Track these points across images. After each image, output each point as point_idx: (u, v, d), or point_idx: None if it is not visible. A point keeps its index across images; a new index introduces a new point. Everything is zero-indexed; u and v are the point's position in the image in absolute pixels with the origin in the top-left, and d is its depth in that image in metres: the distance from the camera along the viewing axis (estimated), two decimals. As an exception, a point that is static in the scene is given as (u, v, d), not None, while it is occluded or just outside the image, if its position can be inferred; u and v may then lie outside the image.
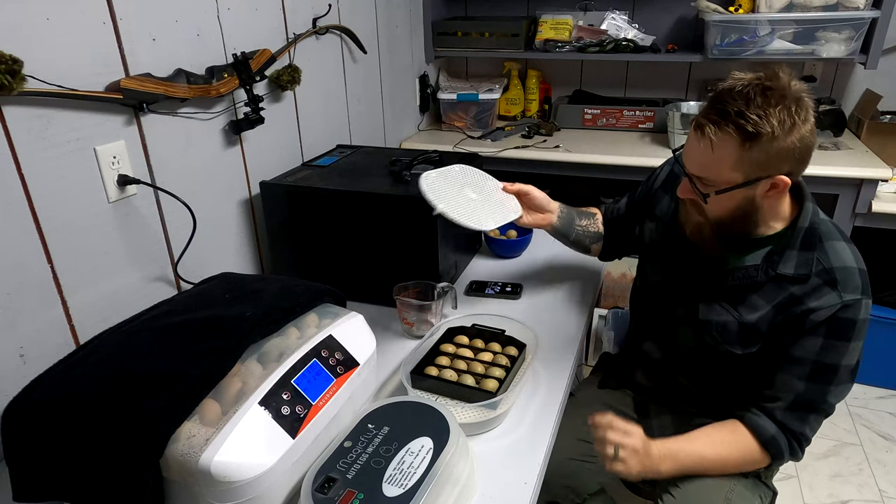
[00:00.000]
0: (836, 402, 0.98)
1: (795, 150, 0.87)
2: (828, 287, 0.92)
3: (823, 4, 1.94)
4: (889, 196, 1.88)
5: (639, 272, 1.24)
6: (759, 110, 0.84)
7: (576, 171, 2.12)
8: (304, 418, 0.79)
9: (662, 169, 1.20)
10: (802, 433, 0.99)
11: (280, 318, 0.88)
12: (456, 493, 0.79)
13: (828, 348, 0.94)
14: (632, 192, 1.27)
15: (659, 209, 1.16)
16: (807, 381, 0.96)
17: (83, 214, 1.02)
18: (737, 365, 1.04)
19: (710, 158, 0.90)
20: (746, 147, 0.86)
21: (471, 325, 1.15)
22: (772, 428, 0.99)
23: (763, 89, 0.85)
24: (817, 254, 0.94)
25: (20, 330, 0.95)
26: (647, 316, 1.21)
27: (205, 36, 1.22)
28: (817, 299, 0.93)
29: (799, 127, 0.85)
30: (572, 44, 2.25)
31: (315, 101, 1.62)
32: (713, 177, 0.91)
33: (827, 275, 0.93)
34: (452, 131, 2.41)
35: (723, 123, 0.86)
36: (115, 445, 0.71)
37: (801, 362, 0.96)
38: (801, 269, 0.95)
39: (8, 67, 0.84)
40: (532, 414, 1.00)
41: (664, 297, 1.13)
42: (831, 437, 1.98)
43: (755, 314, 0.98)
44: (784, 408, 0.98)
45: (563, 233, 1.25)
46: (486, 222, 1.08)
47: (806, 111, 0.86)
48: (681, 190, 0.99)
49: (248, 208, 1.42)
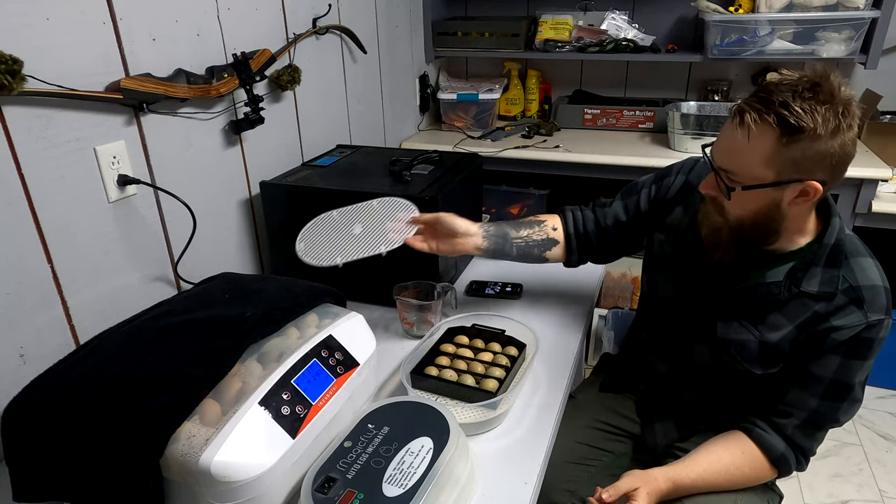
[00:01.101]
0: (846, 419, 0.97)
1: (834, 157, 0.82)
2: (854, 306, 0.89)
3: (823, 4, 1.94)
4: (889, 196, 1.88)
5: (647, 283, 1.18)
6: (805, 104, 0.79)
7: (576, 171, 2.12)
8: (304, 418, 0.79)
9: (675, 178, 1.11)
10: (810, 448, 0.98)
11: (280, 318, 0.88)
12: (456, 493, 0.79)
13: (845, 367, 0.92)
14: (631, 197, 1.17)
15: (670, 220, 1.09)
16: (820, 399, 0.95)
17: (83, 214, 1.02)
18: (753, 383, 1.01)
19: (743, 148, 0.84)
20: (784, 142, 0.81)
21: (471, 325, 1.15)
22: (781, 445, 0.97)
23: (812, 85, 0.81)
24: (843, 271, 0.90)
25: (20, 330, 0.95)
26: (656, 330, 1.17)
27: (205, 36, 1.22)
28: (842, 318, 0.89)
29: (843, 132, 0.81)
30: (572, 44, 2.25)
31: (315, 101, 1.62)
32: (742, 170, 0.86)
33: (853, 293, 0.89)
34: (452, 131, 2.41)
35: (764, 112, 0.81)
36: (115, 445, 0.71)
37: (818, 380, 0.94)
38: (825, 286, 0.90)
39: (8, 67, 0.84)
40: (532, 414, 1.00)
41: (677, 312, 1.09)
42: (831, 437, 1.98)
43: (777, 334, 0.95)
44: (796, 425, 0.97)
45: (499, 252, 1.16)
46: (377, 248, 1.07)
47: (852, 118, 0.81)
48: (704, 185, 0.94)
49: (248, 208, 1.42)
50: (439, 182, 1.30)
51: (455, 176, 1.35)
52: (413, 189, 1.26)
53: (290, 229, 1.35)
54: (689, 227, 1.05)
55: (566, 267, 1.24)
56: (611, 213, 1.18)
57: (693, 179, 1.09)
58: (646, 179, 1.17)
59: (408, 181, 1.30)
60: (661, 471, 0.98)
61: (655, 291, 1.14)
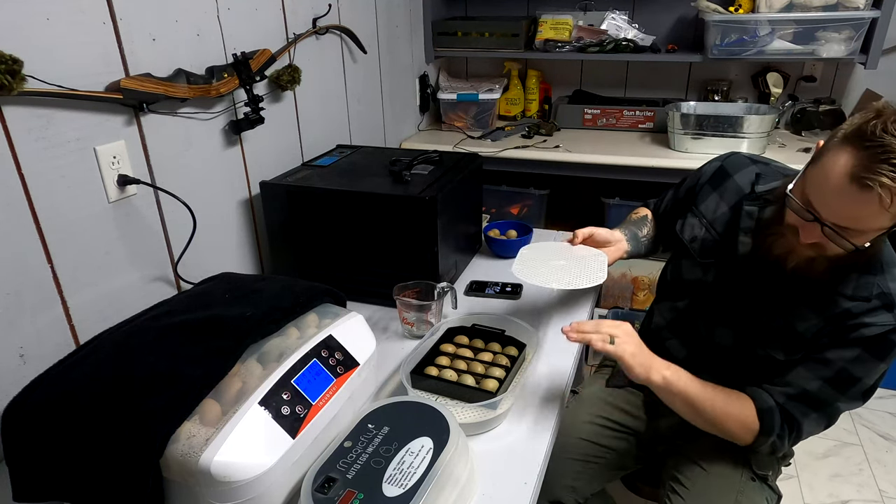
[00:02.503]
0: (843, 411, 0.97)
1: None
2: (884, 310, 0.91)
3: (823, 4, 1.94)
4: (889, 196, 1.88)
5: (671, 267, 1.20)
6: None
7: (576, 171, 2.12)
8: (304, 418, 0.79)
9: (710, 165, 1.16)
10: (799, 423, 0.98)
11: (280, 318, 0.88)
12: (456, 493, 0.79)
13: (860, 361, 0.93)
14: (676, 188, 1.26)
15: (705, 207, 1.12)
16: (823, 382, 0.95)
17: (83, 214, 1.02)
18: (772, 366, 1.02)
19: (869, 214, 0.80)
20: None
21: (471, 325, 1.15)
22: (771, 402, 0.98)
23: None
24: (879, 279, 0.92)
25: (20, 330, 0.95)
26: (677, 313, 1.17)
27: (205, 36, 1.22)
28: (872, 317, 0.91)
29: None
30: (572, 44, 2.25)
31: (315, 101, 1.62)
32: (863, 227, 0.83)
33: (886, 298, 0.91)
34: (452, 131, 2.41)
35: None
36: (115, 445, 0.71)
37: (829, 364, 0.95)
38: (861, 290, 0.92)
39: (8, 67, 0.84)
40: (532, 414, 1.00)
41: (701, 295, 1.10)
42: (831, 437, 1.98)
43: (805, 323, 0.96)
44: (790, 394, 0.97)
45: (637, 252, 1.26)
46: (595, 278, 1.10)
47: None
48: (805, 234, 0.88)
49: (248, 208, 1.42)
50: (439, 182, 1.30)
51: (455, 176, 1.35)
52: (413, 189, 1.26)
53: (290, 229, 1.35)
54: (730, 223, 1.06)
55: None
56: (665, 202, 1.28)
57: (729, 168, 1.11)
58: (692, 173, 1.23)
59: (408, 181, 1.30)
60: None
61: (679, 275, 1.16)
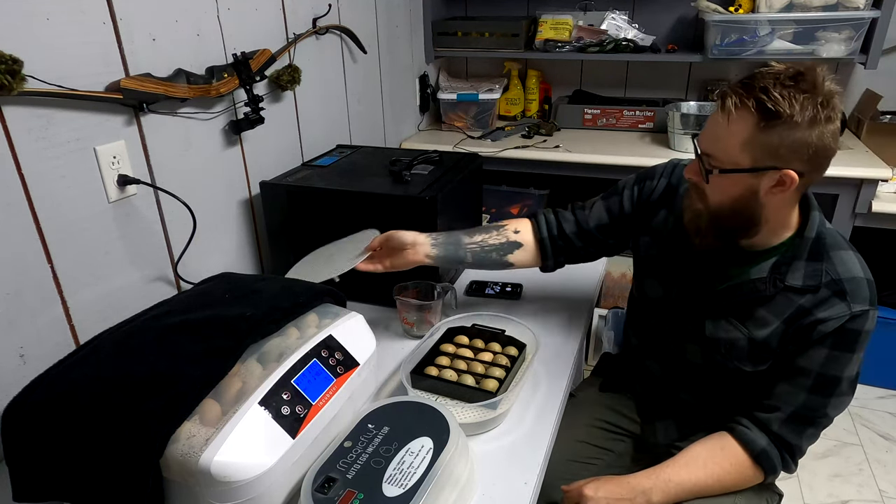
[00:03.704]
0: (835, 414, 0.97)
1: (810, 147, 0.83)
2: (837, 298, 0.90)
3: (823, 4, 1.94)
4: (889, 196, 1.88)
5: (636, 286, 1.18)
6: (785, 91, 0.81)
7: (576, 171, 2.12)
8: (304, 418, 0.79)
9: (658, 181, 1.11)
10: (798, 446, 0.97)
11: (280, 318, 0.88)
12: (456, 494, 0.79)
13: (832, 360, 0.92)
14: (612, 198, 1.15)
15: (655, 222, 1.10)
16: (808, 393, 0.95)
17: (83, 214, 1.02)
18: (745, 381, 1.01)
19: (723, 132, 0.87)
20: (761, 127, 0.83)
21: (471, 325, 1.15)
22: (763, 440, 0.97)
23: (796, 74, 0.83)
24: (825, 265, 0.92)
25: (20, 330, 0.95)
26: (648, 332, 1.17)
27: (205, 36, 1.22)
28: (826, 310, 0.91)
29: (821, 123, 0.82)
30: (572, 44, 2.25)
31: (315, 101, 1.62)
32: (722, 154, 0.88)
33: (836, 286, 0.91)
34: (452, 131, 2.41)
35: (745, 96, 0.84)
36: (115, 445, 0.71)
37: (805, 373, 0.94)
38: (809, 280, 0.92)
39: (8, 67, 0.84)
40: (532, 414, 1.00)
41: (666, 313, 1.09)
42: (831, 437, 1.98)
43: (765, 330, 0.95)
44: (782, 419, 0.96)
45: (451, 258, 1.14)
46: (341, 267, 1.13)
47: (833, 110, 0.82)
48: (688, 170, 0.96)
49: (248, 208, 1.42)
50: (439, 182, 1.30)
51: (455, 176, 1.35)
52: (413, 189, 1.26)
53: (290, 229, 1.35)
54: (675, 226, 1.06)
55: (543, 272, 1.23)
56: (593, 215, 1.16)
57: (675, 182, 1.09)
58: (627, 180, 1.15)
59: (408, 181, 1.30)
60: (636, 475, 0.99)
61: (644, 294, 1.14)
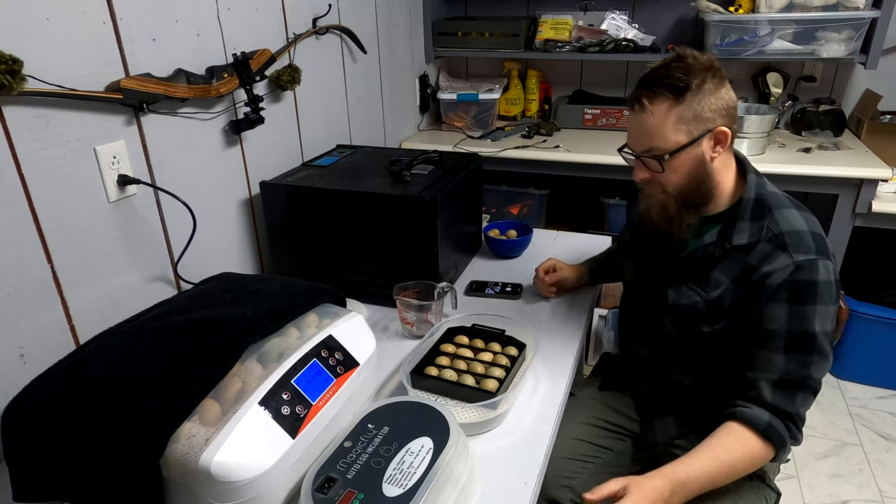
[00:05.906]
0: (820, 376, 0.97)
1: (723, 104, 0.95)
2: (779, 251, 0.95)
3: (823, 4, 1.94)
4: (889, 196, 1.88)
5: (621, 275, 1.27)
6: (681, 69, 0.94)
7: (576, 171, 2.12)
8: (304, 418, 0.79)
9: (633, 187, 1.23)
10: (796, 413, 0.97)
11: (280, 318, 0.88)
12: (456, 494, 0.79)
13: (795, 315, 0.94)
14: None
15: (633, 212, 1.21)
16: (785, 354, 0.95)
17: (83, 214, 1.02)
18: (719, 347, 1.04)
19: (653, 125, 0.96)
20: (680, 102, 0.94)
21: (471, 325, 1.15)
22: (765, 415, 0.97)
23: (677, 58, 0.96)
24: (767, 221, 0.98)
25: (20, 330, 0.95)
26: (631, 316, 1.23)
27: (205, 36, 1.22)
28: (770, 263, 0.95)
29: (719, 84, 0.95)
30: (572, 44, 2.25)
31: (315, 101, 1.62)
32: (660, 142, 0.96)
33: (777, 239, 0.96)
34: (452, 131, 2.41)
35: (654, 87, 0.95)
36: (115, 445, 0.71)
37: (775, 335, 0.96)
38: (753, 237, 0.98)
39: (8, 67, 0.84)
40: (532, 414, 1.00)
41: (640, 291, 1.17)
42: (831, 437, 1.98)
43: (718, 290, 1.02)
44: (770, 388, 0.97)
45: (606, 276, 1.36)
46: None
47: (719, 70, 0.96)
48: (637, 174, 1.03)
49: (248, 208, 1.42)
50: (439, 182, 1.30)
51: (455, 176, 1.35)
52: (413, 189, 1.26)
53: (290, 229, 1.35)
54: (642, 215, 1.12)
55: None
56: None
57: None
58: None
59: (408, 181, 1.30)
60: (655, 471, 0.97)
61: (625, 279, 1.25)
